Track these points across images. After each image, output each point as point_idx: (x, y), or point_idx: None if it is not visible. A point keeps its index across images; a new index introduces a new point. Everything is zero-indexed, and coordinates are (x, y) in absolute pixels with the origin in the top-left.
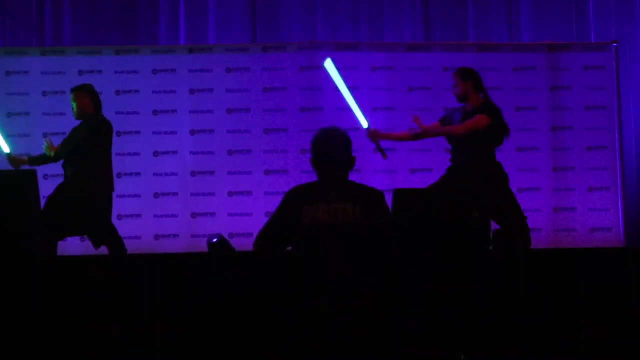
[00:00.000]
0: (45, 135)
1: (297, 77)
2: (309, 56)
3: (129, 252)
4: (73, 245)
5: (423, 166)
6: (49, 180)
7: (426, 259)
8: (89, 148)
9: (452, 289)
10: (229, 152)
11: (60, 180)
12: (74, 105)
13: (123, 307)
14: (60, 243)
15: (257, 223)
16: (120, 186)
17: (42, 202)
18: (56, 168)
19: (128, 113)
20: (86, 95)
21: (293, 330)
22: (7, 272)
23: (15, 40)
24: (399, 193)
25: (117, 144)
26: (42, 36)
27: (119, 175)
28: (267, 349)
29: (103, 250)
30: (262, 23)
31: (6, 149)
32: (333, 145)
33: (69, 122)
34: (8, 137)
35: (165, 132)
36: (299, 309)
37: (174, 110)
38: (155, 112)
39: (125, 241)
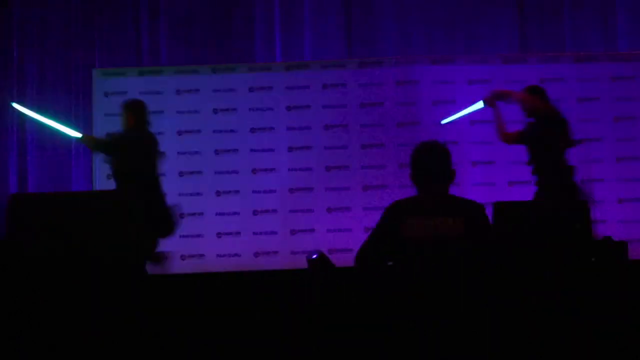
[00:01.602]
0: None
1: (394, 91)
2: (405, 70)
3: (230, 270)
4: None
5: (522, 179)
6: None
7: (529, 271)
8: None
9: (556, 303)
10: (327, 169)
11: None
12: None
13: (223, 323)
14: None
15: (356, 239)
16: (220, 204)
17: None
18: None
19: (226, 131)
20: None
21: (396, 344)
22: (110, 291)
23: (113, 60)
24: (499, 206)
25: (217, 162)
26: (139, 56)
27: (218, 193)
28: None
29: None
30: (357, 37)
31: (77, 134)
32: (433, 159)
33: (168, 141)
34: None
35: (263, 150)
36: (401, 323)
37: (271, 128)
38: (252, 130)
39: (226, 259)
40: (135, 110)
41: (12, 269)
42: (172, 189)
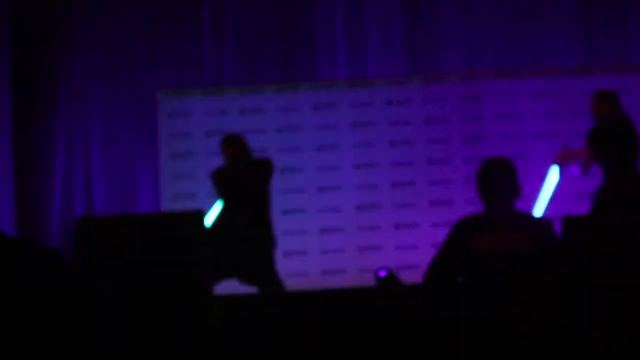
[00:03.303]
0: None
1: (459, 106)
2: (470, 85)
3: (297, 289)
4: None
5: (590, 191)
6: None
7: (599, 288)
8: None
9: (628, 323)
10: (394, 185)
11: None
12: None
13: (289, 345)
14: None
15: (424, 255)
16: (287, 223)
17: None
18: None
19: (291, 150)
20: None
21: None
22: (176, 313)
23: (177, 80)
24: (568, 221)
25: (282, 181)
26: (203, 76)
27: (284, 212)
28: None
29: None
30: (421, 53)
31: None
32: (499, 174)
33: None
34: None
35: (329, 168)
36: (470, 339)
37: (336, 146)
38: (317, 148)
39: (292, 279)
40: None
41: (82, 294)
42: None
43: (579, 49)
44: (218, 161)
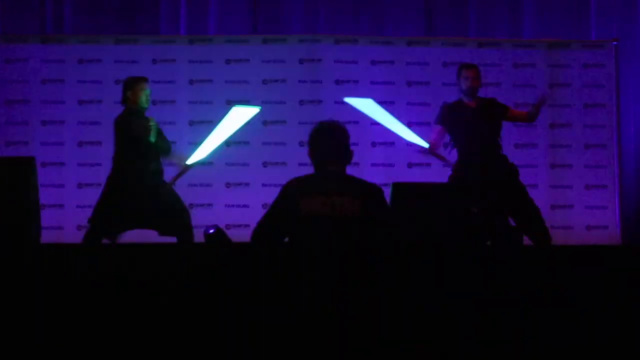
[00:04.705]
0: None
1: (296, 69)
2: (308, 49)
3: (131, 243)
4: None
5: (421, 160)
6: (48, 168)
7: (424, 254)
8: None
9: (450, 285)
10: (228, 144)
11: (60, 167)
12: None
13: (119, 298)
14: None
15: (254, 215)
16: None
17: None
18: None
19: None
20: None
21: (288, 322)
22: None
23: (16, 27)
24: (397, 187)
25: None
26: (43, 24)
27: None
28: (262, 340)
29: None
30: (263, 15)
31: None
32: (331, 138)
33: (68, 111)
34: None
35: (164, 123)
36: (295, 301)
37: (173, 101)
38: (154, 102)
39: (127, 234)
40: None
41: None
42: (70, 159)
43: (418, 21)
44: (54, 109)
